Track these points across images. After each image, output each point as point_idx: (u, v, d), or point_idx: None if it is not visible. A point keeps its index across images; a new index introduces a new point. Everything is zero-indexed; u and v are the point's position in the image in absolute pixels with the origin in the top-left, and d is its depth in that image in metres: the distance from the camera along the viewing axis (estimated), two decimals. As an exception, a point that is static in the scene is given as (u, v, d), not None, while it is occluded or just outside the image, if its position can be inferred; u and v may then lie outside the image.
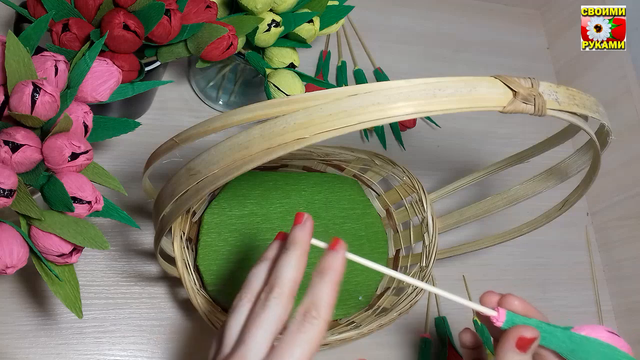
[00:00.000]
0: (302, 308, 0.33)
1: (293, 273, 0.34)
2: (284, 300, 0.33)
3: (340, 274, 0.34)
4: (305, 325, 0.32)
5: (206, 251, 0.57)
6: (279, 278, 0.34)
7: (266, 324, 0.32)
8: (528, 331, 0.34)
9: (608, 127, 0.38)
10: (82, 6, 0.45)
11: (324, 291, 0.33)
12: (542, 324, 0.35)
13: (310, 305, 0.33)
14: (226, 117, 0.33)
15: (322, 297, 0.33)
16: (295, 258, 0.34)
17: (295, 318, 0.33)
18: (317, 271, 0.34)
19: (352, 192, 0.65)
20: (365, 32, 0.79)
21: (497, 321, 0.35)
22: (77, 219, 0.39)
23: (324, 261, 0.34)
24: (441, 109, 0.30)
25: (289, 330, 0.32)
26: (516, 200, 0.57)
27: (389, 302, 0.60)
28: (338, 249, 0.35)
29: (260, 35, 0.53)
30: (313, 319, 0.32)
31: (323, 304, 0.33)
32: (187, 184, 0.35)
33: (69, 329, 0.53)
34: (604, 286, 0.76)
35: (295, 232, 0.35)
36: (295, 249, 0.34)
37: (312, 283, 0.34)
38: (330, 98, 0.30)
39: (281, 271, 0.34)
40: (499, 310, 0.36)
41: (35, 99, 0.36)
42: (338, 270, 0.34)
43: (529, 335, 0.34)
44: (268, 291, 0.33)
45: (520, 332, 0.34)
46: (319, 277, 0.34)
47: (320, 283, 0.33)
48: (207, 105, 0.67)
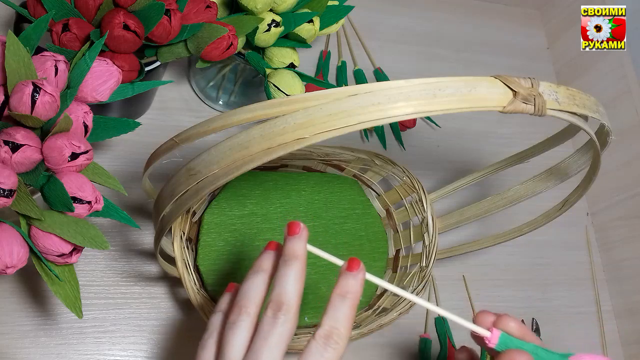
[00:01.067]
0: (324, 332, 0.32)
1: (297, 288, 0.33)
2: (292, 317, 0.33)
3: (360, 296, 0.34)
4: (328, 350, 0.32)
5: (206, 251, 0.57)
6: (285, 295, 0.33)
7: (278, 343, 0.32)
8: (522, 357, 0.33)
9: (608, 127, 0.38)
10: (82, 6, 0.45)
11: (346, 314, 0.33)
12: (539, 350, 0.34)
13: (333, 329, 0.32)
14: (226, 117, 0.33)
15: (343, 320, 0.33)
16: (297, 272, 0.34)
17: (316, 340, 0.32)
18: (337, 293, 0.33)
19: (352, 192, 0.65)
20: (365, 32, 0.79)
21: (489, 342, 0.35)
22: (77, 219, 0.39)
23: (345, 284, 0.33)
24: (441, 109, 0.30)
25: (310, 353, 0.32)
26: (516, 200, 0.57)
27: (389, 302, 0.60)
28: (359, 271, 0.34)
29: (260, 35, 0.53)
30: (336, 345, 0.32)
31: (344, 328, 0.32)
32: (187, 184, 0.35)
33: (69, 329, 0.53)
34: (604, 286, 0.76)
35: (294, 244, 0.34)
36: (295, 263, 0.34)
37: (332, 305, 0.33)
38: (330, 98, 0.30)
39: (285, 287, 0.33)
40: (492, 331, 0.35)
41: (35, 99, 0.36)
42: (358, 293, 0.33)
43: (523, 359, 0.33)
44: (275, 309, 0.33)
45: (514, 357, 0.33)
46: (340, 301, 0.33)
47: (342, 306, 0.33)
48: (207, 105, 0.67)
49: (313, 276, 0.60)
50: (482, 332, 0.35)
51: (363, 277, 0.34)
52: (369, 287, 0.62)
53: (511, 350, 0.34)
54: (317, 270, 0.59)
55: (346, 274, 0.34)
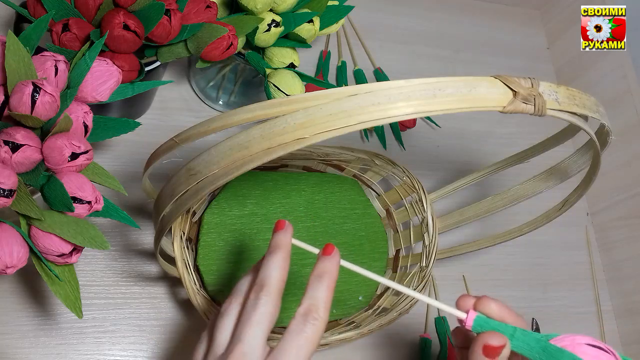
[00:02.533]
0: (302, 309, 0.34)
1: (280, 273, 0.35)
2: (274, 297, 0.35)
3: (336, 277, 0.36)
4: (307, 325, 0.34)
5: (206, 251, 0.57)
6: (267, 278, 0.35)
7: (259, 321, 0.34)
8: (495, 339, 0.33)
9: (608, 127, 0.38)
10: (82, 6, 0.45)
11: (323, 293, 0.35)
12: (517, 331, 0.34)
13: (310, 306, 0.34)
14: (226, 117, 0.33)
15: (321, 298, 0.34)
16: (280, 259, 0.36)
17: (295, 319, 0.34)
18: (314, 275, 0.35)
19: (352, 192, 0.65)
20: (365, 32, 0.79)
21: (465, 325, 0.35)
22: (77, 219, 0.39)
23: (321, 266, 0.36)
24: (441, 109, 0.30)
25: (290, 330, 0.34)
26: (516, 200, 0.57)
27: (389, 302, 0.60)
28: (334, 255, 0.36)
29: (260, 35, 0.53)
30: (314, 320, 0.34)
31: (322, 305, 0.34)
32: (187, 184, 0.35)
33: (69, 329, 0.53)
34: (604, 286, 0.76)
35: (279, 236, 0.37)
36: (279, 251, 0.36)
37: (310, 286, 0.35)
38: (330, 98, 0.30)
39: (268, 272, 0.35)
40: (469, 312, 0.35)
41: (35, 99, 0.36)
42: (334, 274, 0.36)
43: (496, 343, 0.33)
44: (258, 290, 0.35)
45: (485, 340, 0.33)
46: (317, 281, 0.35)
47: (319, 286, 0.35)
48: (207, 105, 0.67)
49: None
50: (459, 314, 0.35)
51: (338, 260, 0.36)
52: (369, 287, 0.62)
53: (484, 332, 0.34)
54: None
55: (322, 258, 0.36)
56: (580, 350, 0.32)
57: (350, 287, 0.61)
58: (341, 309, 0.60)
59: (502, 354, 0.33)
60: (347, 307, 0.60)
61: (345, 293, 0.61)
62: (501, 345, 0.33)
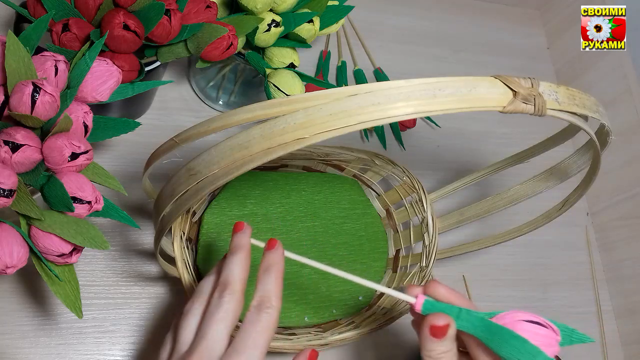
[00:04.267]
0: (255, 301, 0.36)
1: (241, 272, 0.37)
2: (237, 296, 0.36)
3: (282, 268, 0.37)
4: (262, 315, 0.35)
5: (206, 251, 0.57)
6: (229, 277, 0.37)
7: (223, 318, 0.35)
8: (440, 319, 0.35)
9: (608, 127, 0.38)
10: (82, 6, 0.45)
11: (273, 284, 0.36)
12: (462, 311, 0.36)
13: (263, 297, 0.36)
14: (226, 117, 0.33)
15: (271, 289, 0.36)
16: (241, 259, 0.37)
17: (250, 311, 0.36)
18: (262, 269, 0.37)
19: (352, 192, 0.65)
20: (365, 32, 0.79)
21: (415, 308, 0.37)
22: (77, 219, 0.39)
23: (267, 259, 0.38)
24: (441, 109, 0.30)
25: (247, 321, 0.35)
26: (516, 200, 0.57)
27: (389, 302, 0.60)
28: (277, 247, 0.38)
29: (260, 35, 0.53)
30: (267, 309, 0.35)
31: (274, 295, 0.36)
32: (187, 184, 0.35)
33: (69, 329, 0.53)
34: (604, 286, 0.76)
35: (238, 237, 0.39)
36: (240, 251, 0.38)
37: (259, 279, 0.37)
38: (330, 98, 0.30)
39: (230, 272, 0.37)
40: (417, 297, 0.37)
41: (35, 99, 0.36)
42: (280, 265, 0.37)
43: (441, 323, 0.35)
44: (221, 290, 0.36)
45: (431, 321, 0.35)
46: (265, 273, 0.37)
47: (268, 278, 0.37)
48: (207, 105, 0.67)
49: (313, 276, 0.60)
50: (408, 299, 0.37)
51: (281, 253, 0.38)
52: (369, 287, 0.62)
53: (431, 314, 0.36)
54: (317, 271, 0.59)
55: (267, 252, 0.38)
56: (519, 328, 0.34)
57: (350, 287, 0.61)
58: (341, 309, 0.60)
59: (447, 334, 0.35)
60: (347, 307, 0.60)
61: (345, 293, 0.61)
62: (446, 324, 0.35)
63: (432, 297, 0.38)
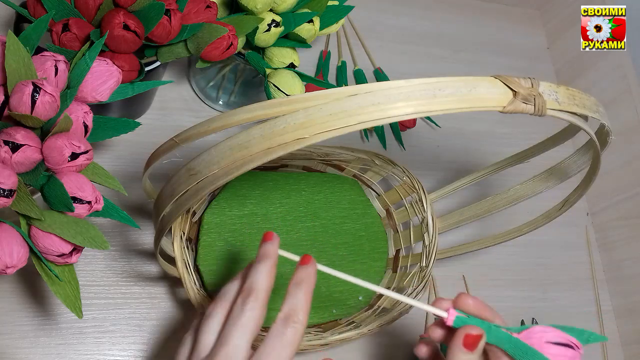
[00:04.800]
0: (283, 314, 0.36)
1: (266, 281, 0.37)
2: (260, 304, 0.36)
3: (313, 284, 0.37)
4: (287, 328, 0.35)
5: (206, 251, 0.57)
6: (254, 284, 0.36)
7: (245, 326, 0.35)
8: (474, 329, 0.37)
9: (608, 127, 0.38)
10: (82, 6, 0.45)
11: (302, 299, 0.36)
12: (491, 327, 0.37)
13: (291, 311, 0.36)
14: (226, 117, 0.33)
15: (300, 304, 0.36)
16: (267, 268, 0.37)
17: (276, 323, 0.35)
18: (293, 282, 0.37)
19: (352, 192, 0.65)
20: (365, 32, 0.79)
21: (447, 322, 0.38)
22: (77, 219, 0.39)
23: (299, 274, 0.37)
24: (441, 109, 0.30)
25: (272, 334, 0.35)
26: (516, 200, 0.57)
27: (389, 302, 0.60)
28: (310, 264, 0.38)
29: (260, 35, 0.53)
30: (294, 324, 0.35)
31: (301, 310, 0.36)
32: (187, 184, 0.35)
33: (69, 329, 0.53)
34: (604, 286, 0.76)
35: (267, 246, 0.38)
36: (267, 260, 0.37)
37: (289, 292, 0.37)
38: (330, 98, 0.30)
39: (255, 280, 0.37)
40: (449, 311, 0.38)
41: (35, 99, 0.36)
42: (311, 281, 0.37)
43: (475, 332, 0.37)
44: (245, 297, 0.36)
45: (466, 330, 0.37)
46: (296, 287, 0.37)
47: (298, 292, 0.36)
48: (207, 105, 0.67)
49: (313, 276, 0.60)
50: (441, 313, 0.38)
51: (314, 269, 0.38)
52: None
53: (464, 326, 0.37)
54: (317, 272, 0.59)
55: (300, 267, 0.38)
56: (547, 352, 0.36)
57: (350, 287, 0.61)
58: (341, 309, 0.60)
59: (478, 346, 0.37)
60: (347, 307, 0.60)
61: (345, 293, 0.61)
62: (479, 335, 0.37)
63: (461, 309, 0.39)
